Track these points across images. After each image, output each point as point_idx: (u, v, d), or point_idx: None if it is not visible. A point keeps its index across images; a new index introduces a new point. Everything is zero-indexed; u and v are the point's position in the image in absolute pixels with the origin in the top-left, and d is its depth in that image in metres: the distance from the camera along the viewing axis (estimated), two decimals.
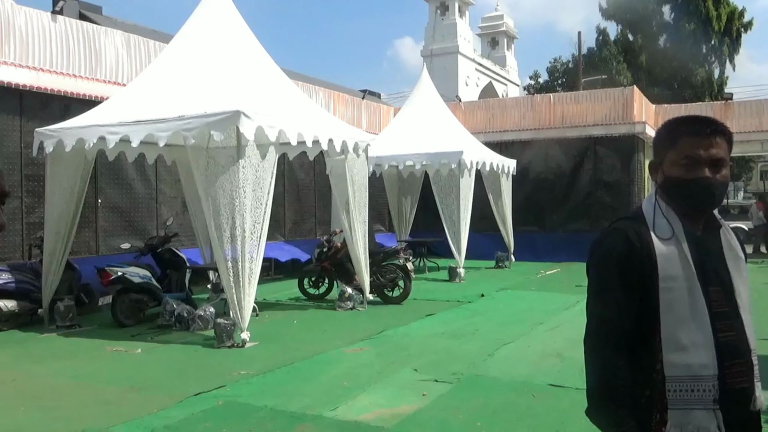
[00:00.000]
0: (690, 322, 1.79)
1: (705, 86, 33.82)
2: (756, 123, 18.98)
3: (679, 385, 1.77)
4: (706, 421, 1.76)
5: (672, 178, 1.88)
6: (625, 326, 1.83)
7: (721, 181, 1.85)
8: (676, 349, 1.78)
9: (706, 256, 1.88)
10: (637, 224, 1.90)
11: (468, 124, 17.19)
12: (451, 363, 6.46)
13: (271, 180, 7.88)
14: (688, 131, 1.87)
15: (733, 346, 1.81)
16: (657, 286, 1.81)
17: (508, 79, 35.65)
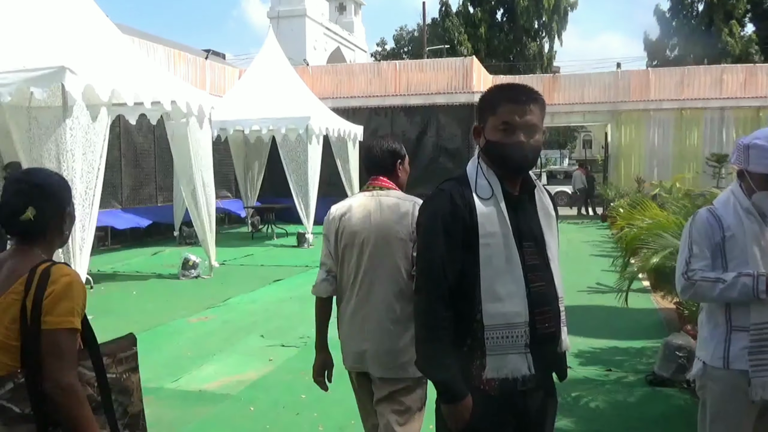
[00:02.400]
0: (506, 274, 1.96)
1: (537, 59, 36.22)
2: (579, 95, 20.67)
3: (496, 333, 1.94)
4: (519, 364, 1.95)
5: (492, 142, 2.02)
6: (449, 280, 1.95)
7: (534, 146, 2.01)
8: (494, 299, 1.94)
9: (521, 215, 2.05)
10: (461, 186, 2.03)
11: (316, 89, 17.12)
12: (299, 327, 6.51)
13: (103, 143, 7.36)
14: (506, 99, 2.01)
15: (543, 296, 2.01)
16: (478, 242, 1.96)
17: (356, 45, 35.81)
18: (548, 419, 2.13)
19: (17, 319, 1.70)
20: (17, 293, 1.71)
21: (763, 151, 2.37)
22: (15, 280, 1.73)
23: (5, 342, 1.71)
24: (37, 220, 1.78)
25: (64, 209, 1.87)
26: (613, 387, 4.75)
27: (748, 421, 2.44)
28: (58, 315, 1.70)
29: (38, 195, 1.80)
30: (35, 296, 1.69)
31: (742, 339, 2.38)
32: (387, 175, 2.86)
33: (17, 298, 1.71)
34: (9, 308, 1.71)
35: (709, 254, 2.46)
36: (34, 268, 1.74)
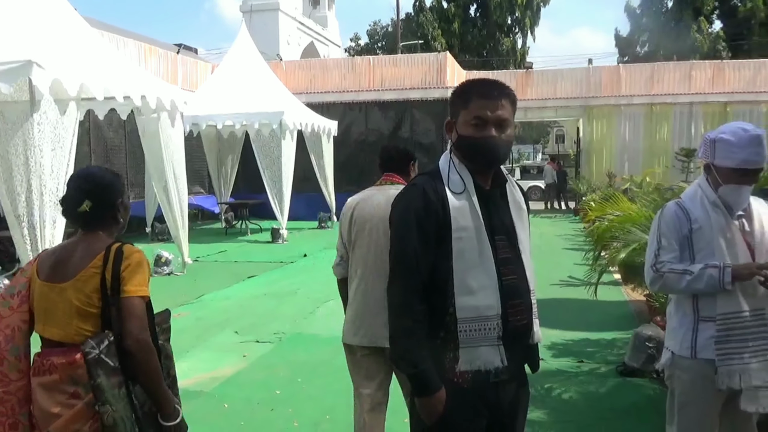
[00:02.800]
0: (478, 268, 1.97)
1: (510, 55, 36.44)
2: (552, 90, 20.86)
3: (469, 326, 1.96)
4: (491, 356, 1.97)
5: (464, 137, 2.03)
6: (423, 274, 1.96)
7: (506, 140, 2.03)
8: (466, 292, 1.96)
9: (493, 209, 2.07)
10: (434, 180, 2.04)
11: (289, 84, 17.01)
12: (273, 323, 6.50)
13: (73, 139, 7.22)
14: (478, 93, 2.02)
15: (515, 288, 2.03)
16: (451, 236, 1.97)
17: (330, 39, 35.62)
18: (521, 410, 2.16)
19: (98, 289, 2.04)
20: (96, 267, 2.05)
21: (728, 146, 2.42)
22: (93, 257, 2.06)
23: (85, 309, 2.04)
24: (93, 211, 2.12)
25: (116, 201, 2.20)
26: (585, 378, 4.82)
27: (714, 409, 2.50)
28: (134, 285, 2.04)
29: (92, 190, 2.14)
30: (113, 270, 2.04)
31: (709, 329, 2.44)
32: (400, 173, 3.23)
33: (97, 271, 2.05)
34: (90, 280, 2.05)
35: (677, 246, 2.51)
36: (109, 247, 2.08)
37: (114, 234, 2.22)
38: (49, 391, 2.01)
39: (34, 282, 2.13)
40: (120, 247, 2.09)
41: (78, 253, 2.10)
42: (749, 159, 2.39)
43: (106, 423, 1.97)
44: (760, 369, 2.38)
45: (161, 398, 2.09)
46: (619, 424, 4.00)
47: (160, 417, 2.10)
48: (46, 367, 2.03)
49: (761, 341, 2.39)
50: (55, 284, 2.07)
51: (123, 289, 2.03)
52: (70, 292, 2.05)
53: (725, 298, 2.41)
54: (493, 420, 2.06)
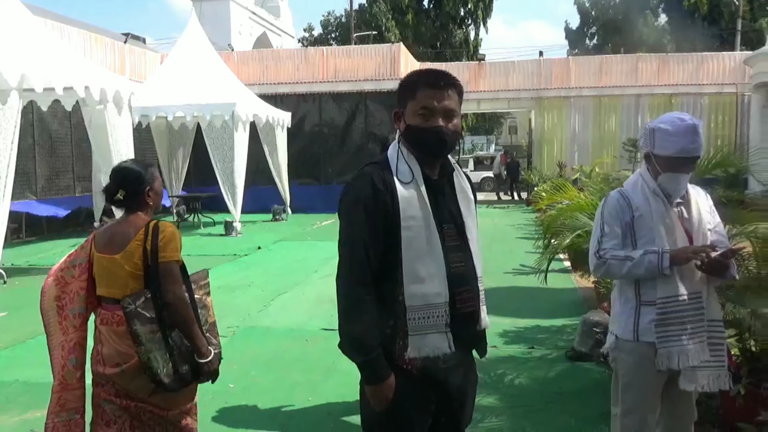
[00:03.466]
0: (427, 256, 2.00)
1: (463, 47, 36.71)
2: (504, 82, 21.13)
3: (418, 314, 1.98)
4: (439, 343, 1.99)
5: (411, 127, 2.05)
6: (372, 264, 1.98)
7: (453, 130, 2.05)
8: (415, 281, 1.98)
9: (441, 198, 2.09)
10: (382, 170, 2.05)
11: (241, 74, 16.79)
12: (226, 317, 6.41)
13: (14, 130, 7.00)
14: (425, 84, 2.04)
15: (462, 276, 2.06)
16: (399, 225, 1.98)
17: (283, 30, 35.22)
18: (469, 394, 2.20)
19: (141, 257, 2.57)
20: (139, 240, 2.59)
21: (666, 135, 2.50)
22: (136, 233, 2.60)
23: (134, 272, 2.58)
24: (128, 198, 2.67)
25: (145, 189, 2.70)
26: (536, 364, 4.93)
27: (656, 389, 2.60)
28: (169, 252, 2.59)
29: (124, 182, 2.68)
30: (152, 241, 2.57)
31: (650, 313, 2.53)
32: None
33: (140, 244, 2.58)
34: (136, 250, 2.58)
35: (619, 233, 2.59)
36: (147, 224, 2.61)
37: (150, 213, 2.74)
38: (121, 338, 2.57)
39: (93, 255, 2.67)
40: (156, 223, 2.62)
41: (124, 231, 2.64)
42: (686, 148, 2.47)
43: (142, 360, 2.51)
44: (697, 350, 2.48)
45: (195, 340, 2.62)
46: (567, 407, 4.11)
47: (195, 356, 2.62)
48: (116, 319, 2.59)
49: (698, 323, 2.49)
50: (110, 256, 2.61)
51: (160, 256, 2.57)
52: (122, 262, 2.58)
53: (665, 283, 2.49)
54: (442, 404, 2.09)
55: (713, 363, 2.51)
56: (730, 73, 19.76)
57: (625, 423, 2.63)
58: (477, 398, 4.24)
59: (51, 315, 2.66)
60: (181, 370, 2.59)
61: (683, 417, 2.68)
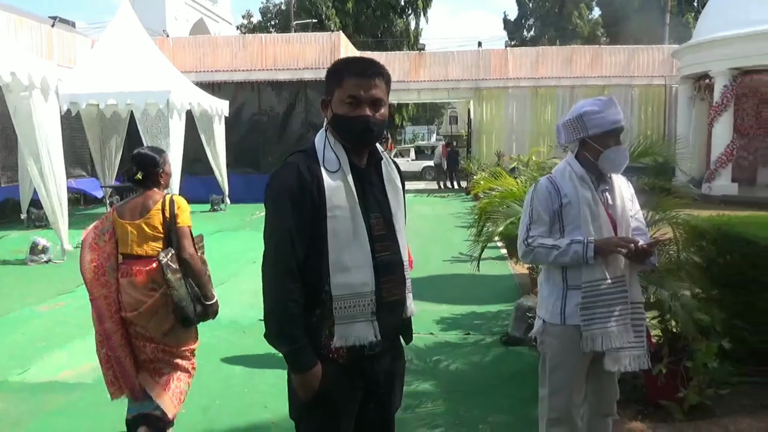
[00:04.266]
0: (353, 245, 2.00)
1: (404, 36, 36.76)
2: (443, 72, 21.31)
3: (344, 303, 1.98)
4: (365, 331, 2.00)
5: (338, 116, 2.04)
6: (297, 254, 1.96)
7: (380, 119, 2.05)
8: (341, 270, 1.98)
9: (368, 186, 2.09)
10: (309, 158, 2.04)
11: (177, 61, 16.36)
12: None
13: None
14: (352, 72, 2.03)
15: (388, 265, 2.07)
16: (325, 215, 1.98)
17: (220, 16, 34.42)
18: (396, 381, 2.22)
19: (161, 223, 3.29)
20: (158, 209, 3.29)
21: (595, 114, 2.60)
22: (155, 204, 3.30)
23: (155, 235, 3.29)
24: (144, 178, 3.34)
25: (157, 170, 3.36)
26: (471, 349, 5.03)
27: (581, 370, 2.69)
28: (183, 219, 3.31)
29: (140, 164, 3.35)
30: (170, 210, 3.29)
31: (576, 296, 2.61)
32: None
33: (159, 211, 3.29)
34: (155, 217, 3.29)
35: (547, 220, 2.66)
36: (164, 198, 3.32)
37: (163, 189, 3.40)
38: (137, 288, 3.25)
39: (116, 222, 3.33)
40: (172, 197, 3.34)
41: (144, 202, 3.32)
42: (616, 119, 2.61)
43: (175, 300, 3.21)
44: (620, 332, 2.57)
45: (204, 287, 3.36)
46: (501, 391, 4.21)
47: (203, 299, 3.34)
48: (133, 273, 3.27)
49: (621, 306, 2.59)
50: (134, 221, 3.29)
51: (177, 221, 3.28)
52: (144, 226, 3.28)
53: (590, 268, 2.58)
54: (370, 392, 2.11)
55: (635, 344, 2.61)
56: (659, 66, 20.51)
57: (552, 403, 2.72)
58: (413, 385, 4.33)
59: (89, 276, 3.28)
60: (197, 310, 3.31)
61: (607, 395, 2.79)
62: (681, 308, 3.66)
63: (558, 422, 2.70)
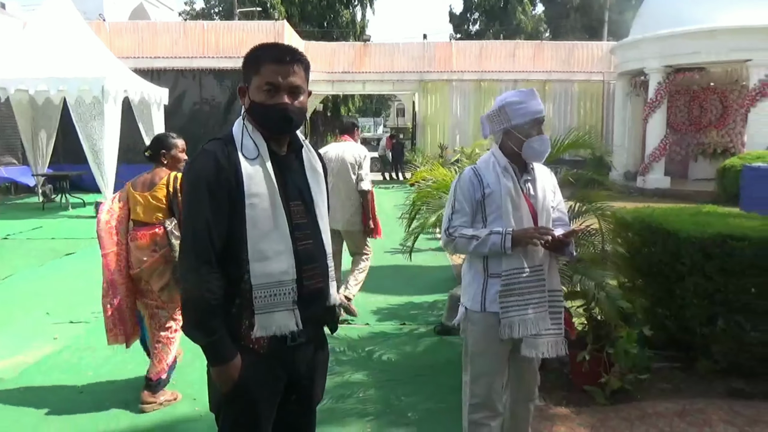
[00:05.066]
0: (273, 234, 1.98)
1: (350, 27, 36.59)
2: (389, 64, 21.33)
3: (264, 292, 1.96)
4: (286, 321, 1.99)
5: (256, 103, 2.01)
6: (215, 243, 1.93)
7: (299, 107, 2.03)
8: (261, 259, 1.96)
9: (288, 174, 2.07)
10: (226, 146, 2.00)
11: (114, 47, 15.86)
12: (91, 302, 6.07)
13: None
14: (269, 59, 2.00)
15: (309, 253, 2.06)
16: (244, 203, 1.95)
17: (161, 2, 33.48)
18: (319, 372, 2.21)
19: (165, 196, 3.79)
20: (164, 183, 3.81)
21: (518, 105, 2.65)
22: (160, 180, 3.82)
23: (160, 205, 3.79)
24: (152, 156, 3.94)
25: (162, 152, 3.92)
26: (405, 339, 5.07)
27: (502, 356, 2.74)
28: None
29: (152, 144, 4.01)
30: (173, 185, 3.78)
31: (496, 285, 2.65)
32: (349, 134, 5.76)
33: (164, 185, 3.80)
34: (161, 190, 3.79)
35: (469, 211, 2.69)
36: (169, 174, 3.83)
37: (169, 168, 3.89)
38: (141, 249, 3.77)
39: (129, 193, 3.89)
40: (176, 175, 3.81)
41: (152, 178, 3.86)
42: (537, 108, 2.65)
43: (177, 263, 3.50)
44: (537, 319, 2.63)
45: None
46: (433, 379, 4.26)
47: None
48: (138, 237, 3.79)
49: (539, 294, 2.64)
50: (144, 193, 3.82)
51: (179, 195, 3.67)
52: (150, 198, 3.79)
53: (510, 257, 2.62)
54: (292, 382, 2.10)
55: (552, 330, 2.68)
56: (597, 62, 21.05)
57: (474, 389, 2.76)
58: (346, 375, 4.34)
59: (103, 234, 3.82)
60: None
61: (528, 381, 2.85)
62: (605, 297, 3.78)
63: (479, 407, 2.75)
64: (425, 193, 4.79)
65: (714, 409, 3.66)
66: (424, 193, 4.82)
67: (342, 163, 5.48)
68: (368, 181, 5.59)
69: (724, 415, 3.60)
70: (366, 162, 5.54)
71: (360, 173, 5.48)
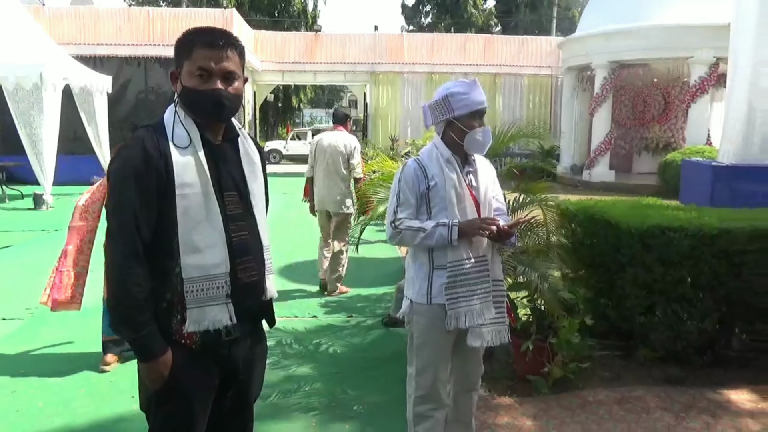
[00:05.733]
0: (205, 225, 1.91)
1: (301, 17, 36.19)
2: (340, 55, 21.19)
3: (196, 286, 1.90)
4: (219, 315, 1.93)
5: (188, 89, 1.93)
6: (143, 235, 1.85)
7: (233, 94, 1.96)
8: (193, 251, 1.89)
9: (222, 164, 2.00)
10: (156, 134, 1.92)
11: (54, 33, 15.30)
12: (26, 298, 5.86)
13: None
14: (202, 42, 1.92)
15: (244, 246, 2.00)
16: (174, 193, 1.88)
17: None
18: (256, 367, 2.16)
19: None
20: None
21: (460, 95, 2.64)
22: None
23: None
24: None
25: None
26: (353, 331, 5.04)
27: (446, 347, 2.74)
28: None
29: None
30: None
31: (441, 276, 2.64)
32: (342, 125, 6.20)
33: None
34: None
35: (414, 203, 2.67)
36: None
37: None
38: None
39: None
40: None
41: None
42: (480, 99, 2.65)
43: None
44: (483, 309, 2.64)
45: None
46: (379, 371, 4.24)
47: None
48: None
49: (484, 285, 2.65)
50: None
51: None
52: None
53: (454, 248, 2.61)
54: (228, 377, 2.04)
55: (496, 319, 2.69)
56: (546, 57, 21.39)
57: (419, 381, 2.75)
58: (291, 369, 4.28)
59: (79, 209, 3.94)
60: None
61: (472, 371, 2.85)
62: (548, 288, 3.83)
63: (424, 399, 2.74)
64: (374, 183, 4.75)
65: (651, 396, 3.76)
66: (373, 183, 4.79)
67: (334, 150, 5.97)
68: (359, 169, 6.11)
69: (660, 402, 3.70)
70: (357, 152, 6.04)
71: (352, 162, 5.99)
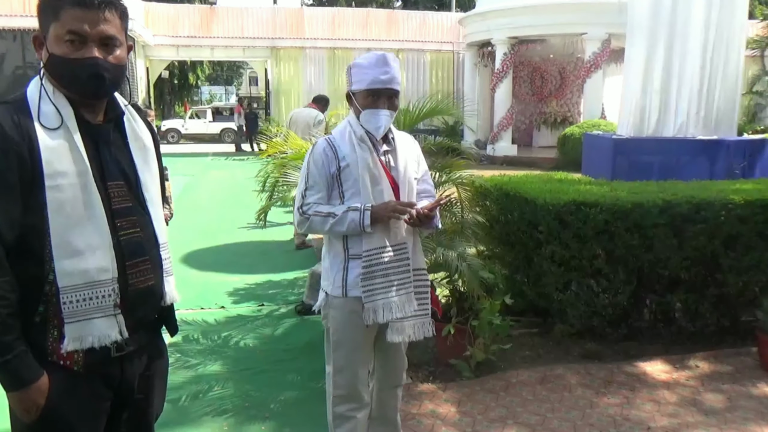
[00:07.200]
0: (85, 222, 1.59)
1: None
2: (238, 29, 20.36)
3: (75, 296, 1.57)
4: (106, 329, 1.61)
5: (56, 57, 1.59)
6: (4, 236, 1.51)
7: (114, 63, 1.63)
8: (70, 254, 1.56)
9: (105, 148, 1.68)
10: (18, 113, 1.57)
11: None
12: None
13: None
14: (73, 1, 1.58)
15: (136, 245, 1.69)
16: (43, 185, 1.54)
17: None
18: (156, 382, 1.85)
19: None
20: None
21: (360, 69, 2.40)
22: None
23: None
24: None
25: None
26: (264, 321, 4.76)
27: (366, 343, 2.53)
28: None
29: None
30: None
31: (357, 267, 2.41)
32: (316, 104, 7.89)
33: None
34: None
35: (324, 186, 2.42)
36: None
37: None
38: None
39: None
40: None
41: None
42: (378, 78, 2.37)
43: None
44: (403, 302, 2.43)
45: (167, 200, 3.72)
46: (293, 364, 4.00)
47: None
48: None
49: (403, 275, 2.43)
50: None
51: None
52: None
53: (370, 235, 2.39)
54: (121, 399, 1.73)
55: (419, 312, 2.49)
56: (447, 32, 21.49)
57: (338, 381, 2.54)
58: (200, 368, 3.96)
59: None
60: None
61: (395, 367, 2.66)
62: (467, 268, 3.71)
63: (345, 399, 2.53)
64: (282, 163, 4.44)
65: (572, 374, 3.74)
66: (281, 163, 4.47)
67: (304, 121, 7.33)
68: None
69: (581, 378, 3.69)
70: (319, 124, 7.30)
71: (313, 130, 6.81)
